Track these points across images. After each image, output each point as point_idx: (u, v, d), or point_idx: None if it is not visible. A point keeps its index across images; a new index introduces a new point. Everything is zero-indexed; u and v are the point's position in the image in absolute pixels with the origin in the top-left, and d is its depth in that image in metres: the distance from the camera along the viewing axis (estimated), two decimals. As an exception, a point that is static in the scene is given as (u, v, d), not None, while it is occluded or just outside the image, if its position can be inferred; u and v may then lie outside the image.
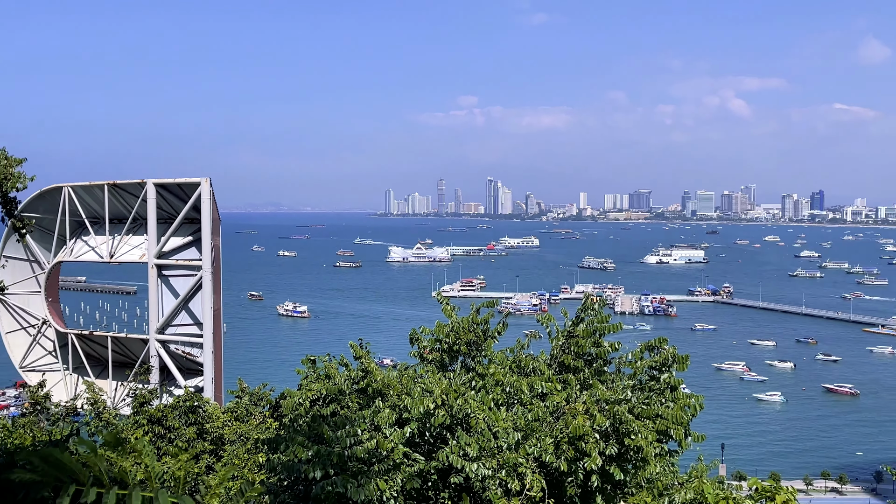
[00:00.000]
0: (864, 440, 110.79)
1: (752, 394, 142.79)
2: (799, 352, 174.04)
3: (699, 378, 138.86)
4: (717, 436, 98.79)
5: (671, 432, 10.05)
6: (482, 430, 9.00)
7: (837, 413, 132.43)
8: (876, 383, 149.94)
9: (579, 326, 11.02)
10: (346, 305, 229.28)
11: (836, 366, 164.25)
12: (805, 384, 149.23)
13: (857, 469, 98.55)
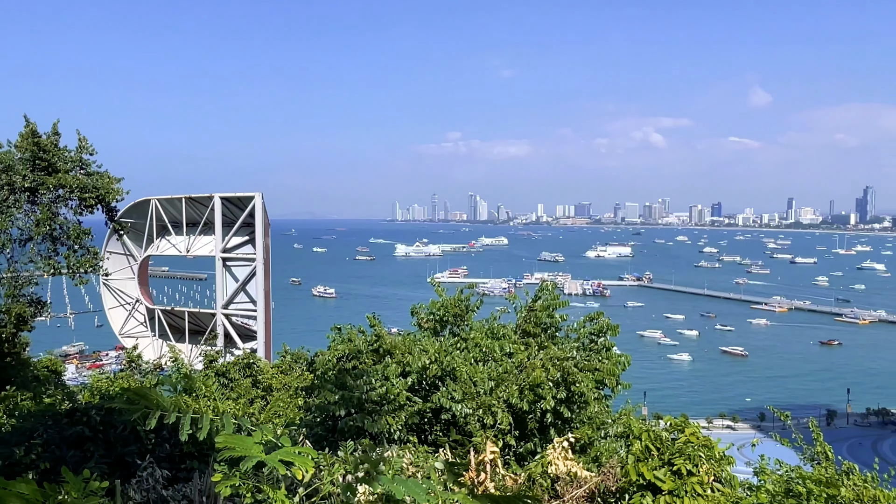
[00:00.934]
0: (752, 389, 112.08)
1: (667, 355, 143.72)
2: (702, 323, 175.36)
3: (627, 342, 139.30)
4: (641, 386, 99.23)
5: (606, 382, 10.20)
6: (465, 380, 9.14)
7: (731, 369, 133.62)
8: (759, 347, 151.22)
9: (537, 303, 11.15)
10: (363, 288, 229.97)
11: (730, 333, 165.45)
12: (707, 347, 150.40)
13: (745, 411, 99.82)
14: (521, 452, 9.31)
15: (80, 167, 16.15)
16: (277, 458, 2.24)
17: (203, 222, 38.86)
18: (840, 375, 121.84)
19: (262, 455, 2.23)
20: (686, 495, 6.74)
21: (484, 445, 7.97)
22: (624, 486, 7.15)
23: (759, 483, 7.12)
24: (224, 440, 2.38)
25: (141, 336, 42.15)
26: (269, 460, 2.23)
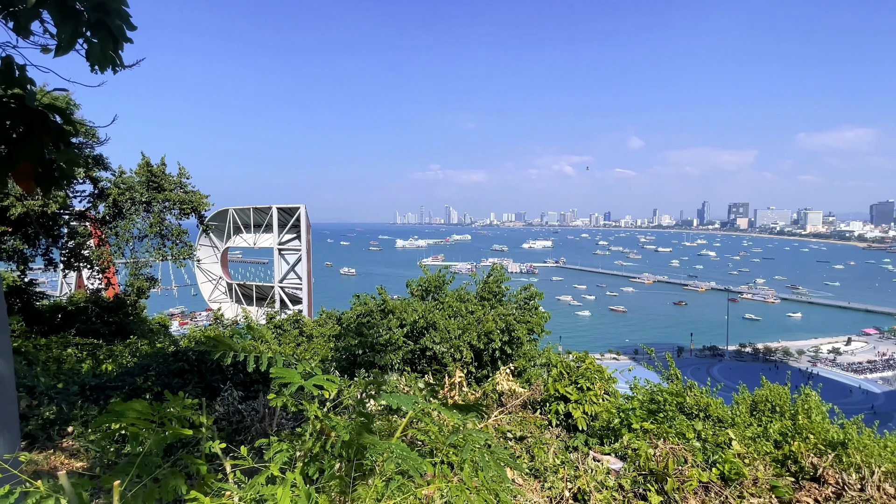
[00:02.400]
0: (629, 334, 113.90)
1: (575, 312, 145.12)
2: (597, 291, 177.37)
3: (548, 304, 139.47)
4: (558, 332, 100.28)
5: (534, 330, 10.25)
6: (442, 329, 9.11)
7: (616, 321, 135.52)
8: (634, 306, 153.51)
9: (490, 278, 11.12)
10: (375, 269, 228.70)
11: (615, 297, 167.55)
12: (600, 307, 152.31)
13: (625, 348, 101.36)
14: (479, 377, 9.33)
15: (181, 187, 16.00)
16: (312, 383, 2.21)
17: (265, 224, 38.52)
18: (686, 324, 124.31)
19: (302, 381, 2.20)
20: (586, 403, 6.82)
21: (454, 372, 7.99)
22: (545, 397, 7.20)
23: (633, 395, 7.21)
24: (276, 371, 2.35)
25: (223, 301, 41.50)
26: (307, 385, 2.20)
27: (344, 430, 2.03)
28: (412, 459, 1.87)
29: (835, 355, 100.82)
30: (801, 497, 4.52)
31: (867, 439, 7.86)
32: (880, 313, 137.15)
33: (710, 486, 4.54)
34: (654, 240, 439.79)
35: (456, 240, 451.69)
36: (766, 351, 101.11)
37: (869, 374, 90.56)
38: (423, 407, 2.40)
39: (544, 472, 4.64)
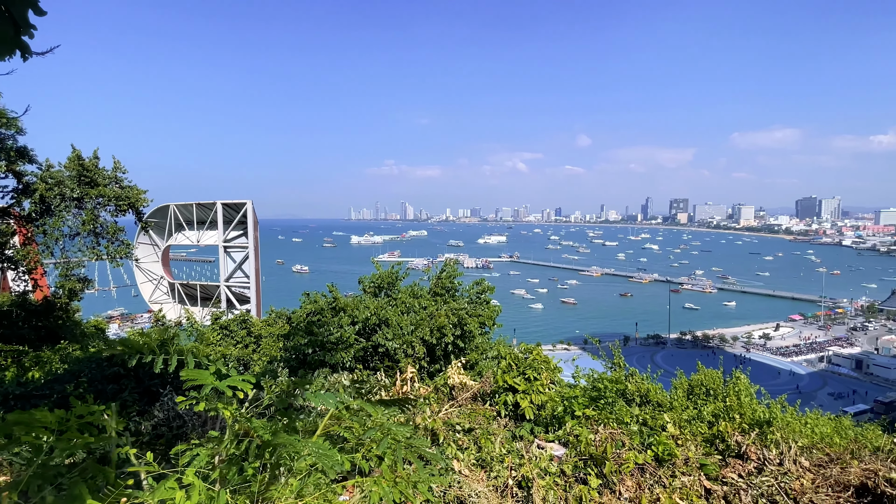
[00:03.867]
0: (579, 325, 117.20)
1: (528, 305, 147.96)
2: (550, 284, 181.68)
3: (503, 297, 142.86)
4: (512, 325, 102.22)
5: (486, 323, 10.39)
6: (394, 325, 9.07)
7: (567, 313, 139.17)
8: (583, 298, 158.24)
9: (443, 273, 11.15)
10: (329, 266, 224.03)
11: (567, 290, 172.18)
12: (552, 299, 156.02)
13: (575, 339, 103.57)
14: (431, 371, 9.37)
15: (116, 182, 15.06)
16: (226, 384, 2.15)
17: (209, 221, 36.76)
18: (631, 314, 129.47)
19: (214, 382, 2.14)
20: (533, 393, 6.99)
21: (406, 368, 7.99)
22: (495, 389, 7.33)
23: (575, 383, 7.45)
24: (186, 373, 2.27)
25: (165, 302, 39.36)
26: (220, 386, 2.15)
27: (262, 431, 1.99)
28: (328, 457, 1.87)
29: (765, 340, 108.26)
30: (727, 473, 4.84)
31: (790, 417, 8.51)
32: (805, 301, 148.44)
33: (645, 467, 4.79)
34: (601, 234, 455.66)
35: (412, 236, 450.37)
36: (705, 338, 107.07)
37: (795, 357, 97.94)
38: (347, 404, 2.39)
39: (491, 461, 4.74)
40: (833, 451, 5.49)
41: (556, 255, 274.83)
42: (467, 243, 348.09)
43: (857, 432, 7.65)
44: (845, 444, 5.98)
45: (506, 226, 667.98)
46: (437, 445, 5.13)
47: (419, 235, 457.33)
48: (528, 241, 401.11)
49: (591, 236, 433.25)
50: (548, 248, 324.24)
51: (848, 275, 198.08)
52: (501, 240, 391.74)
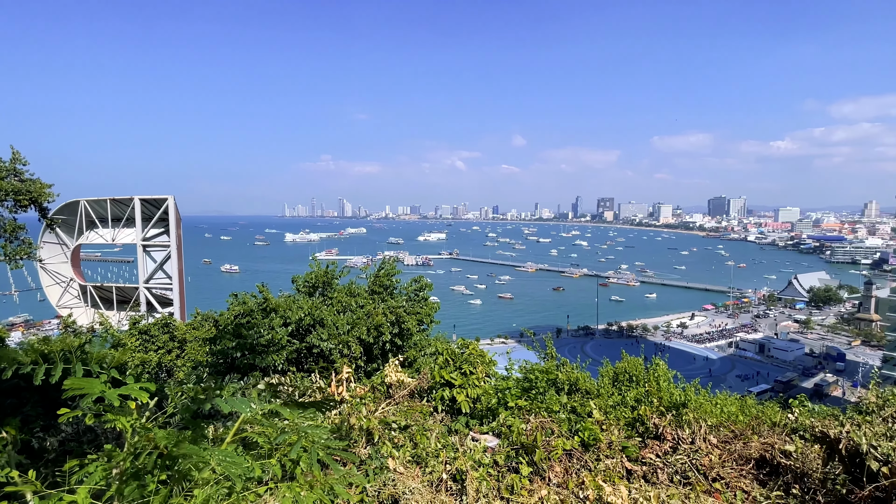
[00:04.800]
0: (516, 319, 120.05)
1: (468, 301, 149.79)
2: (488, 280, 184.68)
3: (443, 294, 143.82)
4: (452, 321, 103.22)
5: (424, 320, 10.39)
6: (329, 325, 8.85)
7: (504, 308, 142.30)
8: (519, 293, 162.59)
9: (380, 271, 11.01)
10: (262, 265, 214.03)
11: (504, 285, 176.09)
12: (490, 295, 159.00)
13: (512, 332, 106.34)
14: (369, 370, 9.24)
15: (14, 175, 13.48)
16: (116, 393, 1.99)
17: (126, 217, 33.77)
18: (563, 307, 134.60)
19: (103, 392, 1.97)
20: (469, 387, 7.08)
21: (342, 368, 7.81)
22: (432, 385, 7.34)
23: (508, 376, 7.63)
24: (70, 382, 2.08)
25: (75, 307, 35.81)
26: (109, 395, 1.98)
27: (164, 441, 1.85)
28: (236, 464, 1.77)
29: (682, 329, 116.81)
30: (646, 454, 5.15)
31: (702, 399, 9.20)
32: (716, 291, 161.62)
33: (572, 453, 4.99)
34: (536, 231, 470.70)
35: (351, 233, 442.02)
36: (629, 328, 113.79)
37: (708, 344, 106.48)
38: (261, 408, 2.29)
39: (426, 457, 4.74)
40: (737, 428, 6.00)
41: (493, 252, 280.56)
42: (407, 241, 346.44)
43: (759, 410, 8.43)
44: (748, 422, 6.57)
45: (445, 223, 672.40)
46: (373, 445, 5.06)
47: (358, 233, 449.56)
48: (467, 238, 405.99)
49: (526, 233, 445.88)
50: (486, 244, 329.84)
51: (752, 267, 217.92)
52: (441, 237, 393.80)
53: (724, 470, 4.88)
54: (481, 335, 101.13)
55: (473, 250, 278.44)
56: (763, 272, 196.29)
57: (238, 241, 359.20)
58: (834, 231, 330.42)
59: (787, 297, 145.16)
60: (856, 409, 7.22)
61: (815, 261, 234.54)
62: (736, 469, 4.95)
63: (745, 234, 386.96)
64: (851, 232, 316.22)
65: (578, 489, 4.07)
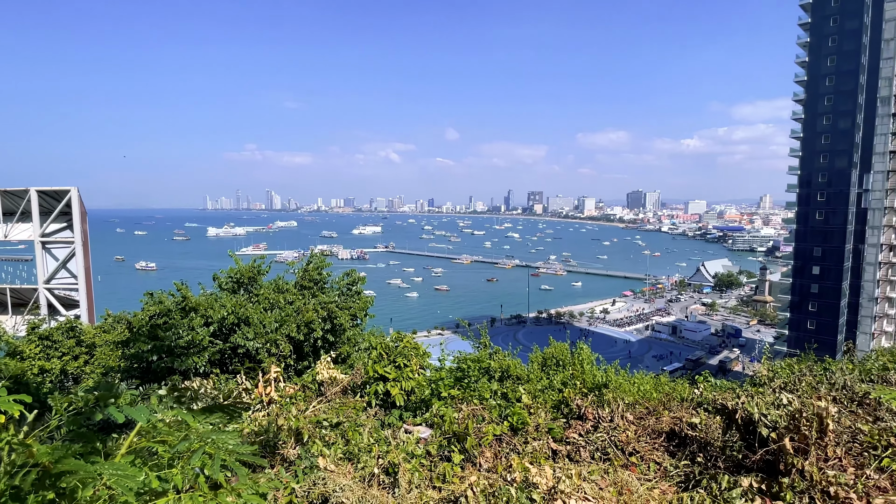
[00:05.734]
0: (452, 310, 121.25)
1: (404, 294, 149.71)
2: (424, 273, 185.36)
3: (378, 288, 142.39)
4: (389, 315, 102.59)
5: (358, 315, 10.20)
6: (256, 324, 8.44)
7: (441, 299, 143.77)
8: (455, 285, 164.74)
9: (309, 265, 10.65)
10: (182, 262, 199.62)
11: (440, 277, 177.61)
12: (427, 287, 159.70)
13: (448, 323, 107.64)
14: (299, 369, 8.93)
15: None
16: None
17: (20, 211, 30.01)
18: (497, 297, 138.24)
19: None
20: (403, 380, 7.05)
21: (269, 368, 7.49)
22: (366, 380, 7.23)
23: (441, 366, 7.68)
24: None
25: (-41, 312, 31.40)
26: None
27: (47, 457, 1.65)
28: (128, 478, 1.62)
29: (604, 314, 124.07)
30: (570, 434, 5.40)
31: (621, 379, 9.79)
32: (634, 279, 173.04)
33: (502, 438, 5.12)
34: (470, 224, 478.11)
35: (280, 227, 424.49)
36: (557, 315, 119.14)
37: (628, 327, 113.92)
38: (163, 416, 2.12)
39: (358, 453, 4.66)
40: (651, 405, 6.45)
41: (430, 245, 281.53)
42: (341, 234, 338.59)
43: (671, 387, 9.13)
44: (660, 398, 7.07)
45: (381, 216, 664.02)
46: (302, 444, 4.90)
47: (288, 226, 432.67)
48: (403, 231, 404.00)
49: (461, 226, 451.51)
50: (422, 237, 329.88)
51: (665, 256, 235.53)
52: (377, 230, 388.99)
53: (640, 444, 5.22)
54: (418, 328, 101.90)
55: (410, 243, 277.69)
56: (675, 260, 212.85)
57: (154, 237, 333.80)
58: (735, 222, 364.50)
59: (695, 282, 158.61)
60: (751, 381, 8.02)
61: (719, 249, 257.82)
62: (650, 443, 5.32)
63: (659, 225, 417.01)
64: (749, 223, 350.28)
65: (507, 472, 4.18)
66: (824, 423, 4.12)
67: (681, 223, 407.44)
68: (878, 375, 6.99)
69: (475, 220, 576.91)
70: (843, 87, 69.36)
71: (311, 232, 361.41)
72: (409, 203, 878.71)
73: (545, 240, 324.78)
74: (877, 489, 4.06)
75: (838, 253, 69.24)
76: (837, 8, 69.68)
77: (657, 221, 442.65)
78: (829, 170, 70.77)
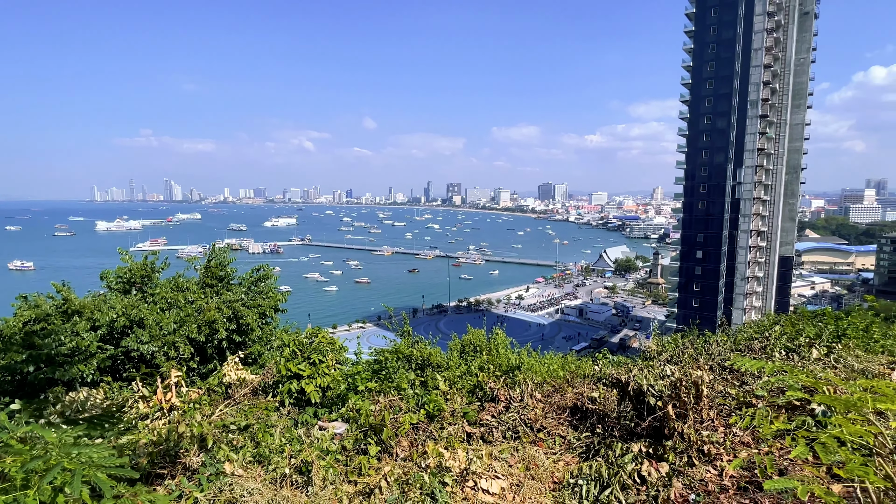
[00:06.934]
0: (374, 303, 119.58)
1: (323, 288, 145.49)
2: (344, 266, 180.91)
3: (295, 282, 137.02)
4: (306, 310, 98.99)
5: (268, 312, 9.74)
6: (151, 326, 7.73)
7: (362, 293, 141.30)
8: (376, 277, 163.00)
9: (211, 261, 9.94)
10: (66, 260, 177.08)
11: (361, 270, 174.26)
12: (347, 281, 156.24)
13: (370, 316, 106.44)
14: (204, 372, 8.34)
15: None
16: None
17: None
18: (419, 288, 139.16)
19: None
20: (318, 376, 6.86)
21: (169, 373, 6.91)
22: (279, 379, 6.94)
23: (357, 360, 7.59)
24: None
25: None
26: None
27: None
28: None
29: (519, 300, 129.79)
30: (483, 416, 5.59)
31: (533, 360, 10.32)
32: (545, 266, 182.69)
33: (419, 426, 5.17)
34: (391, 215, 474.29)
35: (182, 219, 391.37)
36: (477, 303, 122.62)
37: (540, 311, 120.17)
38: (16, 433, 1.88)
39: (269, 454, 4.46)
40: (557, 383, 6.86)
41: (349, 236, 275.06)
42: (252, 227, 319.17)
43: (577, 364, 9.79)
44: (565, 376, 7.56)
45: (295, 207, 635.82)
46: (207, 451, 4.58)
47: (191, 219, 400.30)
48: (320, 223, 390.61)
49: (381, 217, 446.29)
50: (340, 229, 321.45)
51: (573, 244, 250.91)
52: (291, 222, 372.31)
53: (547, 420, 5.54)
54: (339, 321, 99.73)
55: (328, 235, 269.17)
56: (581, 247, 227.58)
57: (31, 232, 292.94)
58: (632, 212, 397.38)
59: (598, 267, 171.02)
60: (643, 356, 8.82)
61: (619, 237, 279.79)
62: (556, 418, 5.66)
63: (567, 215, 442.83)
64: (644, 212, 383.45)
65: (421, 459, 4.23)
66: (700, 389, 4.65)
67: (586, 213, 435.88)
68: (745, 345, 8.02)
69: (395, 211, 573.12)
70: (721, 90, 78.02)
71: (217, 225, 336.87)
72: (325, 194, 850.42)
73: (464, 230, 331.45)
74: (741, 444, 4.67)
75: (717, 239, 78.23)
76: (716, 18, 77.96)
77: (565, 212, 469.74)
78: (710, 165, 79.50)
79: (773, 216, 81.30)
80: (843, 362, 6.41)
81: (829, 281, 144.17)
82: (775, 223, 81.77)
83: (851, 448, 1.83)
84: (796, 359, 6.66)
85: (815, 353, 6.71)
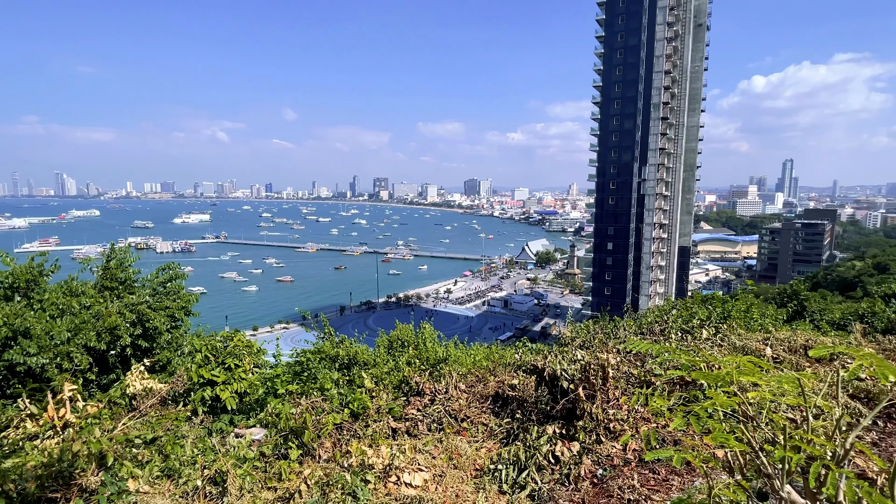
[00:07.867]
0: (298, 302, 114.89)
1: (241, 288, 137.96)
2: (264, 264, 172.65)
3: (210, 283, 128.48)
4: (223, 312, 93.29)
5: (177, 315, 9.07)
6: (40, 335, 6.90)
7: (284, 292, 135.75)
8: (300, 275, 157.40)
9: (110, 262, 9.05)
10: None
11: (283, 268, 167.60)
12: (267, 280, 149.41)
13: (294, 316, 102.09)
14: (104, 383, 7.60)
15: None
16: None
17: None
18: (346, 285, 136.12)
19: None
20: (234, 381, 6.53)
21: (62, 387, 6.22)
22: (190, 386, 6.50)
23: (276, 363, 7.34)
24: None
25: None
26: None
27: None
28: None
29: (448, 294, 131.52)
30: (409, 411, 5.63)
31: (460, 352, 10.53)
32: (472, 259, 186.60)
33: (343, 425, 5.10)
34: (315, 210, 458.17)
35: (77, 216, 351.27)
36: (406, 298, 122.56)
37: (468, 304, 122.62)
38: None
39: (179, 467, 4.18)
40: (480, 373, 7.08)
41: (269, 233, 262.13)
42: (160, 224, 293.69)
43: (500, 354, 10.14)
44: (488, 365, 7.81)
45: (209, 202, 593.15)
46: (107, 469, 4.20)
47: (88, 216, 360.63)
48: (236, 218, 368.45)
49: (304, 213, 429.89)
50: (260, 225, 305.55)
51: (498, 238, 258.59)
52: (204, 218, 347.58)
53: (470, 410, 5.71)
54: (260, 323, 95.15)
55: (246, 232, 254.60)
56: (505, 241, 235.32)
57: None
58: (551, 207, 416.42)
59: (521, 260, 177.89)
60: (559, 342, 9.34)
61: (539, 231, 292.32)
62: (479, 407, 5.84)
63: (491, 210, 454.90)
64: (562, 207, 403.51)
65: (344, 459, 4.19)
66: (606, 371, 5.02)
67: (509, 208, 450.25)
68: (647, 329, 8.76)
69: (320, 206, 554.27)
70: (627, 93, 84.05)
71: (119, 222, 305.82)
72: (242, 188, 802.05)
73: (392, 226, 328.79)
74: (643, 420, 5.12)
75: (625, 231, 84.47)
76: (623, 26, 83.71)
77: (490, 207, 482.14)
78: (618, 163, 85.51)
79: (673, 210, 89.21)
80: (727, 341, 7.24)
81: (721, 268, 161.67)
82: (675, 216, 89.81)
83: (721, 418, 2.10)
84: (689, 339, 7.41)
85: (704, 333, 7.51)
